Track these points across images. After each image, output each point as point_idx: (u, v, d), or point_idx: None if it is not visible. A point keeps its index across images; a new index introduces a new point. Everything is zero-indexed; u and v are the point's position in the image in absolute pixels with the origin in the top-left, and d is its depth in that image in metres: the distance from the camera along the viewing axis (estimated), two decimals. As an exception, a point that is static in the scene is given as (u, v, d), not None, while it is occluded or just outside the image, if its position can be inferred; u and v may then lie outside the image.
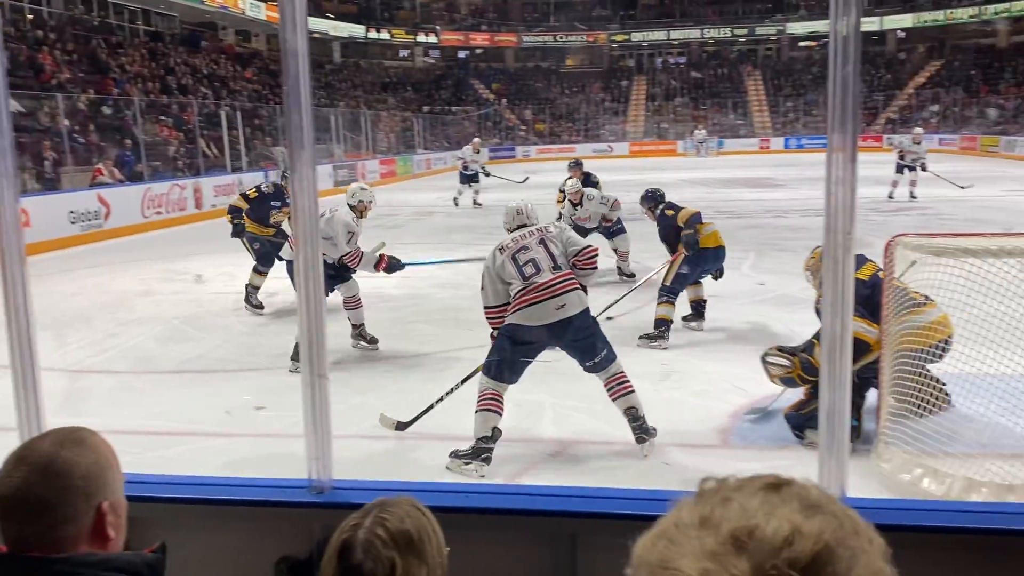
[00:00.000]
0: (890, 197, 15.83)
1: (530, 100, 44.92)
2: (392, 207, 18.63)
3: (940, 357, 4.13)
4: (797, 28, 44.66)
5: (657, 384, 5.39)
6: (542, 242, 4.40)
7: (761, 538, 0.62)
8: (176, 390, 5.66)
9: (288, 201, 7.66)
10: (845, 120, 1.62)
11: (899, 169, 16.13)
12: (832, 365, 1.77)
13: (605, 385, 4.33)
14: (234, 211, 8.16)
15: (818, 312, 5.62)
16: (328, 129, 25.67)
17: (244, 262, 10.99)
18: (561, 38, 46.10)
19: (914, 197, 15.74)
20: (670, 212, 6.91)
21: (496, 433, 4.19)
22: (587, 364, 4.35)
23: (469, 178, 17.92)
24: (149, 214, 15.20)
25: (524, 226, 4.56)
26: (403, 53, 44.93)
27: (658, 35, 46.07)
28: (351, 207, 6.46)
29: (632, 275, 8.80)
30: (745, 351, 6.07)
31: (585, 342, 4.32)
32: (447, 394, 4.67)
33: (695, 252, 6.55)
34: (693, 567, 0.62)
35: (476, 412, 4.21)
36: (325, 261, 5.47)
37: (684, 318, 6.84)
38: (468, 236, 12.70)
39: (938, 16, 41.41)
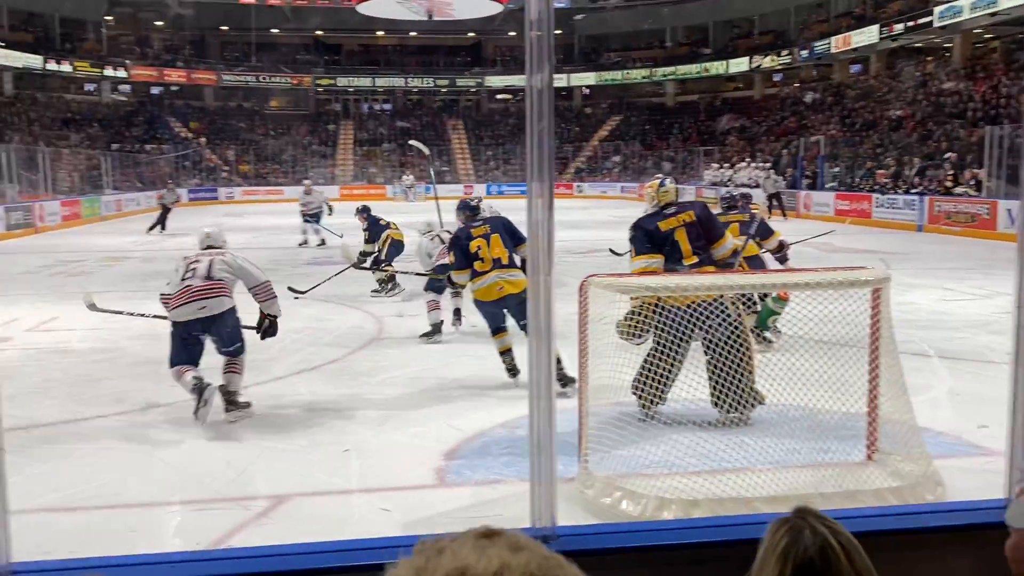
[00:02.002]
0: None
1: (232, 140, 43.33)
2: (76, 252, 17.05)
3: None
4: (495, 81, 47.22)
5: (376, 428, 5.36)
6: (211, 262, 5.55)
7: (473, 575, 0.66)
8: None
9: None
10: (543, 170, 1.73)
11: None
12: (536, 399, 1.85)
13: (223, 363, 5.53)
14: None
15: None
16: (-3, 168, 23.08)
17: None
18: (264, 79, 45.05)
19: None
20: None
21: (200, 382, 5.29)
22: (222, 350, 5.52)
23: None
24: None
25: (211, 248, 5.77)
26: (89, 87, 41.47)
27: (363, 81, 46.56)
28: None
29: None
30: (461, 388, 6.25)
31: (224, 333, 5.48)
32: None
33: None
34: None
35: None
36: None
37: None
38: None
39: (616, 75, 45.77)
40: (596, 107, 47.78)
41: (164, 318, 5.68)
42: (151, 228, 20.77)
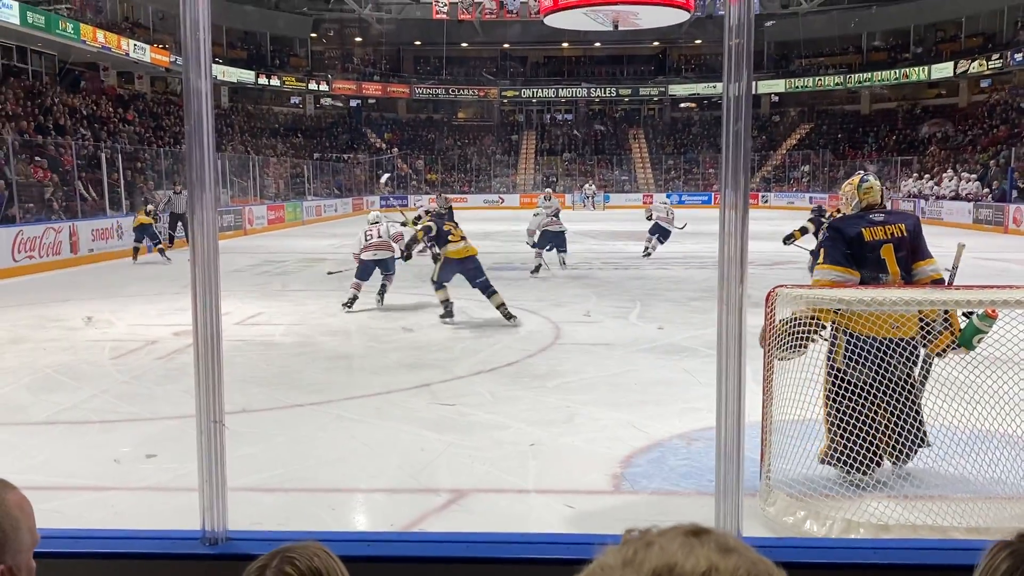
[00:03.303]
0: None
1: (422, 150, 45.21)
2: (279, 253, 18.33)
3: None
4: (678, 90, 46.59)
5: (552, 431, 5.43)
6: (384, 228, 10.23)
7: (680, 574, 0.65)
8: (49, 442, 5.36)
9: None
10: (737, 178, 1.71)
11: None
12: (724, 407, 1.84)
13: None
14: None
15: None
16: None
17: (121, 308, 10.58)
18: (453, 91, 46.67)
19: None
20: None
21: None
22: (385, 273, 10.24)
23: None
24: (20, 258, 14.44)
25: (377, 222, 10.31)
26: (294, 100, 44.50)
27: (547, 92, 47.24)
28: None
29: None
30: (638, 397, 6.23)
31: (387, 268, 10.19)
32: None
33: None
34: None
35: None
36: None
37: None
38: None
39: (808, 82, 44.03)
40: (785, 115, 46.15)
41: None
42: None
